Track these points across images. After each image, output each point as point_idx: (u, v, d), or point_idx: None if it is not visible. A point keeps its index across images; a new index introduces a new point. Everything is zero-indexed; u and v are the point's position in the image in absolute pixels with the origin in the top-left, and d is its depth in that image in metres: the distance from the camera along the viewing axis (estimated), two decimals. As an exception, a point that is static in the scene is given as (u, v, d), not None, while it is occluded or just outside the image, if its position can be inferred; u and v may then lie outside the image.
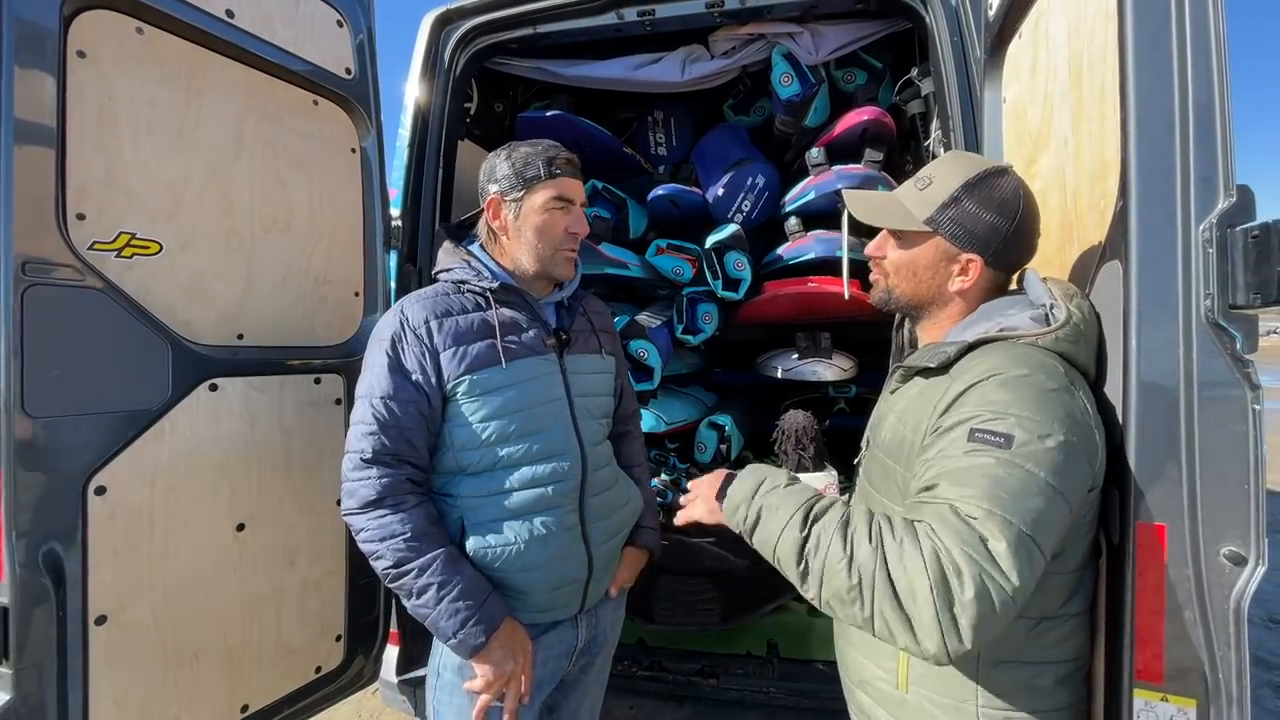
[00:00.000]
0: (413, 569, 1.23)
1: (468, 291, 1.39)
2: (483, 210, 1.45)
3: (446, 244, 1.48)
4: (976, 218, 1.07)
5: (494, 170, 1.42)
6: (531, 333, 1.39)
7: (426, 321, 1.31)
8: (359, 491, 1.26)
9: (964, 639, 0.81)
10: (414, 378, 1.29)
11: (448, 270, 1.42)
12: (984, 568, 0.81)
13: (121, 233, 1.38)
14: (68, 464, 1.28)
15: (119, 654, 1.36)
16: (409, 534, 1.23)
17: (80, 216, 1.31)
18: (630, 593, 1.62)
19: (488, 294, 1.37)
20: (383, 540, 1.24)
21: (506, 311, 1.39)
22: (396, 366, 1.29)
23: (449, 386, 1.31)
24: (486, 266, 1.42)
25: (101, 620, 1.33)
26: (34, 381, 1.22)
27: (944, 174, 1.12)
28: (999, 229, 1.07)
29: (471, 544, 1.31)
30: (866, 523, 0.91)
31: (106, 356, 1.35)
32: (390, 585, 1.27)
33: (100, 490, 1.33)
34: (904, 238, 1.15)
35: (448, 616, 1.23)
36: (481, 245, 1.46)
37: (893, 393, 1.18)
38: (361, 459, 1.26)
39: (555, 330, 1.44)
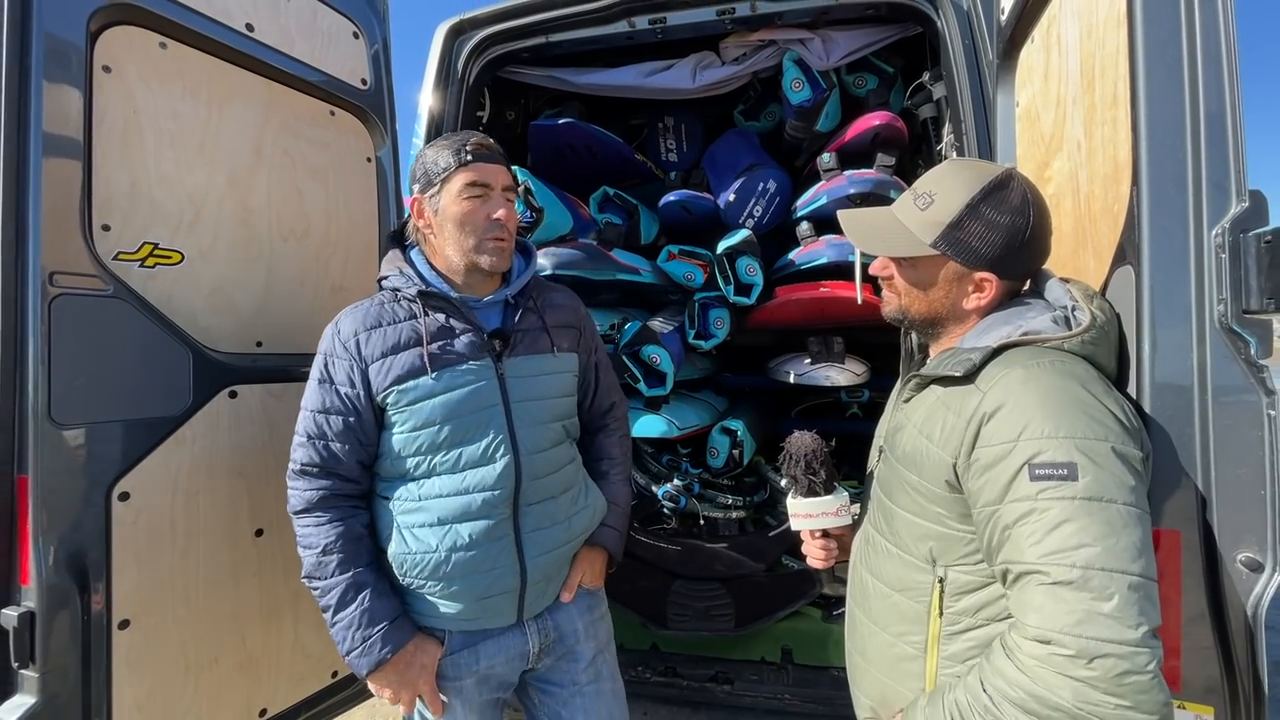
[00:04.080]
0: (318, 587, 1.29)
1: (401, 299, 1.38)
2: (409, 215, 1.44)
3: (390, 250, 1.46)
4: (986, 236, 1.01)
5: (413, 173, 1.41)
6: (464, 338, 1.36)
7: (356, 335, 1.33)
8: (290, 499, 1.32)
9: (1145, 706, 0.77)
10: (343, 391, 1.31)
11: (385, 277, 1.41)
12: (1102, 638, 0.78)
13: (145, 243, 1.42)
14: (93, 470, 1.31)
15: (141, 658, 1.38)
16: (321, 549, 1.28)
17: (105, 227, 1.35)
18: (643, 598, 1.58)
19: (417, 300, 1.36)
20: (303, 548, 1.30)
21: (437, 318, 1.36)
22: (327, 379, 1.33)
23: (379, 398, 1.31)
24: (416, 272, 1.39)
25: (125, 624, 1.35)
26: (60, 390, 1.25)
27: (946, 189, 1.05)
28: (1012, 244, 1.01)
29: (393, 548, 1.32)
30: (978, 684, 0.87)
31: (130, 364, 1.38)
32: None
33: (124, 496, 1.35)
34: (910, 260, 1.10)
35: (341, 642, 1.28)
36: (420, 249, 1.44)
37: (907, 401, 1.13)
38: (293, 470, 1.32)
39: (492, 333, 1.40)
